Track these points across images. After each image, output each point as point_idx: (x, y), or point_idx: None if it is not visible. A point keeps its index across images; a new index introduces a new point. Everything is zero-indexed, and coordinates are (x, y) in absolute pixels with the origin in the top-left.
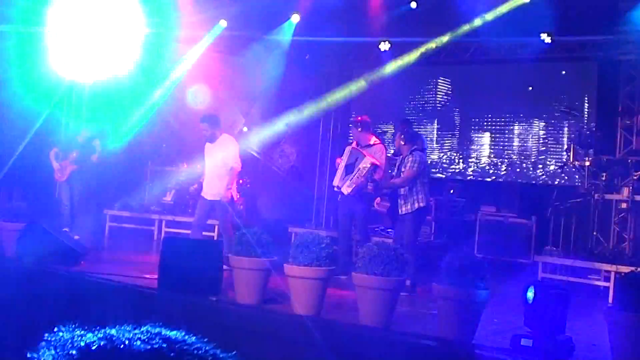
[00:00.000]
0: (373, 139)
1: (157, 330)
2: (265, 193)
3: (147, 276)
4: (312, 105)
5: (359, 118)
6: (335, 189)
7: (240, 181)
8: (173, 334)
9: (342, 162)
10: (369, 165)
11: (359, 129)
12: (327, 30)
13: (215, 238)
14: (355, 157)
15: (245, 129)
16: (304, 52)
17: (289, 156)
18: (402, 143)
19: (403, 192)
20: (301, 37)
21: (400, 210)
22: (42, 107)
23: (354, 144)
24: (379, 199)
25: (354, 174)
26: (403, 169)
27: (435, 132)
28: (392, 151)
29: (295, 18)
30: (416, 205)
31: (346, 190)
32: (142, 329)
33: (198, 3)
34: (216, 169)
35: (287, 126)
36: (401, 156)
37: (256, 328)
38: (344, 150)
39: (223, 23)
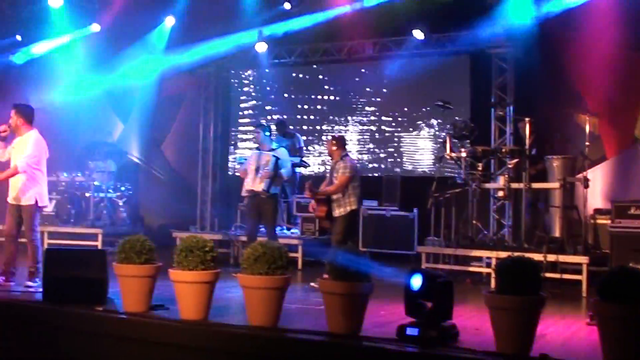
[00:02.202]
0: (275, 144)
1: None
2: (148, 199)
3: (32, 289)
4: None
5: (265, 124)
6: (246, 193)
7: (122, 188)
8: None
9: (251, 167)
10: (271, 158)
11: (267, 133)
12: (203, 32)
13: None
14: (259, 160)
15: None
16: (181, 54)
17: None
18: (334, 148)
19: (336, 196)
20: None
21: (334, 213)
22: None
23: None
24: (314, 203)
25: (260, 170)
26: (335, 175)
27: (317, 129)
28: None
29: (170, 21)
30: (349, 209)
31: (259, 187)
32: None
33: (69, 9)
34: None
35: None
36: (333, 161)
37: (144, 336)
38: (249, 157)
39: (95, 27)
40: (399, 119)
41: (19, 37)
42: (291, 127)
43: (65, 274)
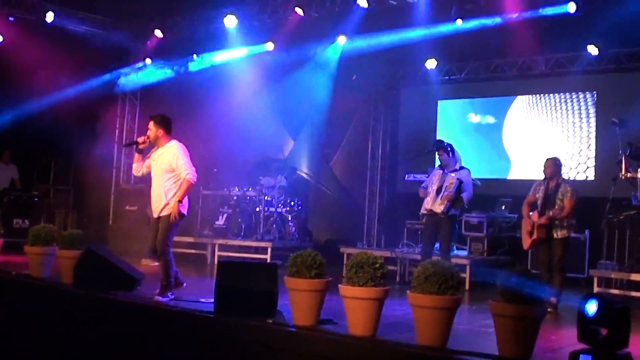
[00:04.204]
0: (459, 164)
1: None
2: (316, 214)
3: (203, 300)
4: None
5: (448, 144)
6: (424, 211)
7: (292, 203)
8: None
9: (432, 186)
10: (454, 180)
11: (450, 154)
12: (372, 51)
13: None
14: (443, 181)
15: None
16: (351, 73)
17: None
18: (554, 169)
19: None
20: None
21: (555, 234)
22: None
23: (438, 170)
24: (538, 219)
25: (442, 191)
26: (561, 197)
27: (479, 149)
28: None
29: (342, 40)
30: (570, 234)
31: (438, 208)
32: None
33: (244, 28)
34: (161, 180)
35: None
36: (547, 181)
37: (313, 349)
38: (433, 176)
39: (270, 46)
40: (573, 136)
41: (195, 57)
42: None
43: (237, 286)
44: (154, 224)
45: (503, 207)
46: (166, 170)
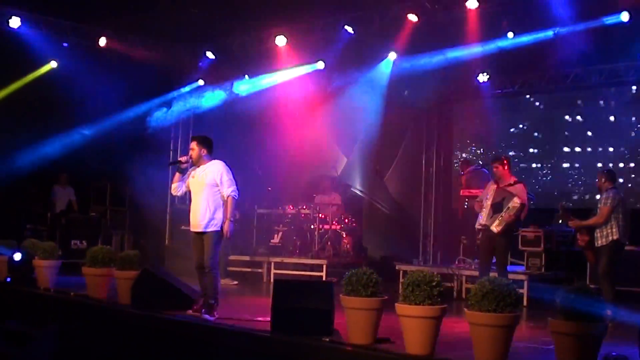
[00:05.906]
0: (513, 178)
1: None
2: (371, 230)
3: (260, 319)
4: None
5: (504, 157)
6: (480, 227)
7: (346, 220)
8: None
9: (487, 201)
10: (518, 205)
11: (505, 167)
12: (423, 67)
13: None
14: (501, 197)
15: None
16: (402, 88)
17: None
18: (603, 181)
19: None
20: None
21: (597, 243)
22: None
23: (492, 183)
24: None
25: (504, 212)
26: (599, 206)
27: (535, 161)
28: None
29: (393, 56)
30: (610, 238)
31: (496, 228)
32: None
33: (294, 48)
34: (204, 195)
35: None
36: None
37: None
38: (488, 190)
39: (320, 64)
40: (626, 148)
41: (247, 77)
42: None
43: (293, 305)
44: (197, 240)
45: (560, 222)
46: (211, 184)
